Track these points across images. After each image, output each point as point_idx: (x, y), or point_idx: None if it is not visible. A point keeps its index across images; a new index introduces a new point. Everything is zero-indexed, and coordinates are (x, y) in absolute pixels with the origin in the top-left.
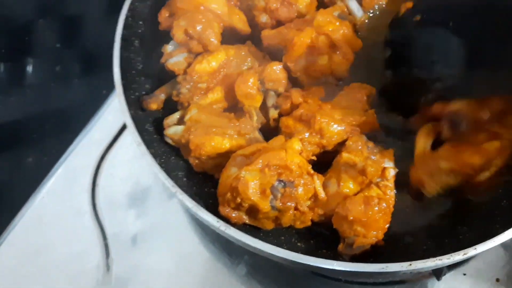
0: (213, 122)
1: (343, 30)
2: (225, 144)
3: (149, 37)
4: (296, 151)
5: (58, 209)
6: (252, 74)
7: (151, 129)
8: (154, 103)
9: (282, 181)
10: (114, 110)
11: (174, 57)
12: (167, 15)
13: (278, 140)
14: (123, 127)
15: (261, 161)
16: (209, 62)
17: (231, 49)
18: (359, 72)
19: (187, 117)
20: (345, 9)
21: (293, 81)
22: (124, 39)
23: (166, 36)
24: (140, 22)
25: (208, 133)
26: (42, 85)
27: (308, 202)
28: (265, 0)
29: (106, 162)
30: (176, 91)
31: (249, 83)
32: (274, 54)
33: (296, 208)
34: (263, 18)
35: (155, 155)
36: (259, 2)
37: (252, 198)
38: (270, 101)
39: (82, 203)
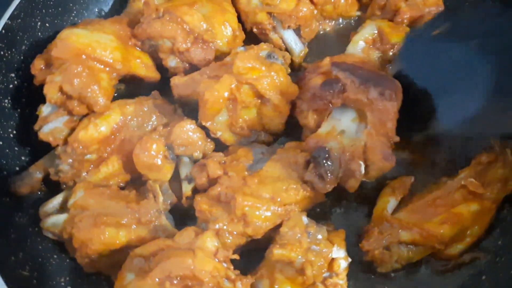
0: (105, 207)
1: (271, 77)
2: (120, 237)
3: (25, 94)
4: (209, 252)
5: None
6: (155, 139)
7: (24, 220)
8: (26, 186)
9: None
10: None
11: (49, 123)
12: (42, 66)
13: (187, 234)
14: None
15: (160, 271)
16: (97, 127)
17: (129, 105)
18: None
19: (70, 203)
20: (279, 44)
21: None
22: None
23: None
24: (12, 75)
25: (97, 224)
26: None
27: None
28: (170, 39)
29: None
30: (53, 168)
31: (152, 151)
32: (190, 106)
33: None
34: (172, 62)
35: (18, 263)
36: (164, 42)
37: None
38: (183, 171)
39: None
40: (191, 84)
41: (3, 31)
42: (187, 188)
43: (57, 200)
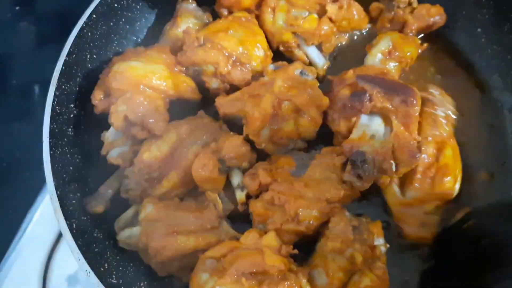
0: (173, 218)
1: (307, 93)
2: (190, 243)
3: (84, 122)
4: (274, 249)
5: None
6: (209, 155)
7: (100, 236)
8: (100, 205)
9: None
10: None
11: (116, 148)
12: (101, 96)
13: (252, 236)
14: None
15: (235, 269)
16: (159, 148)
17: (182, 126)
18: None
19: (142, 216)
20: (303, 60)
21: (257, 150)
22: (53, 134)
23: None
24: (71, 105)
25: (169, 233)
26: None
27: None
28: (214, 64)
29: (55, 262)
30: (124, 187)
31: (208, 166)
32: (231, 121)
33: None
34: (214, 84)
35: (107, 273)
36: (207, 68)
37: None
38: (236, 180)
39: None
40: (235, 103)
41: (63, 67)
42: (241, 196)
43: (128, 214)
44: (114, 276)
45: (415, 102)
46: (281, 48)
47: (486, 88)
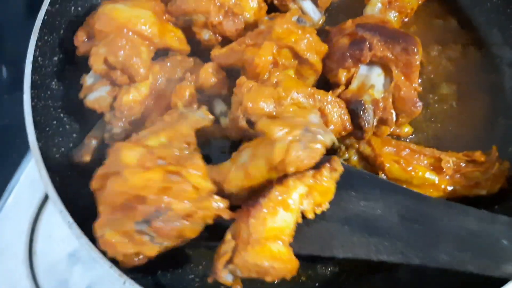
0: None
1: (307, 39)
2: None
3: (68, 70)
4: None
5: None
6: (186, 86)
7: (85, 191)
8: (87, 154)
9: None
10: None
11: (94, 91)
12: (84, 38)
13: None
14: None
15: None
16: (138, 91)
17: (155, 66)
18: None
19: None
20: (298, 14)
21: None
22: (35, 85)
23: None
24: (55, 58)
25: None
26: None
27: None
28: (205, 14)
29: (41, 223)
30: (108, 133)
31: (186, 97)
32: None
33: None
34: (206, 35)
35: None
36: (198, 17)
37: None
38: (218, 109)
39: (19, 276)
40: (231, 53)
41: (46, 17)
42: (225, 121)
43: None
44: None
45: (416, 50)
46: (276, 1)
47: (485, 43)
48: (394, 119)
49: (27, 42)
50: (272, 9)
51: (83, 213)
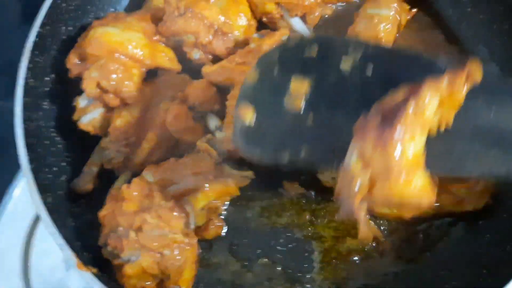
0: (177, 180)
1: None
2: (201, 200)
3: (60, 90)
4: None
5: None
6: (179, 106)
7: (77, 210)
8: (89, 184)
9: None
10: None
11: (88, 114)
12: (76, 60)
13: None
14: None
15: None
16: (130, 113)
17: (145, 88)
18: None
19: None
20: (289, 31)
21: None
22: (27, 107)
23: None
24: (47, 79)
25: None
26: None
27: None
28: (194, 34)
29: (36, 236)
30: (106, 158)
31: (181, 116)
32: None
33: None
34: (196, 55)
35: (83, 248)
36: (188, 38)
37: None
38: (212, 124)
39: None
40: (222, 71)
41: (37, 39)
42: (221, 135)
43: (120, 184)
44: (91, 252)
45: None
46: (264, 19)
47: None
48: None
49: (20, 50)
50: (262, 26)
51: (73, 233)
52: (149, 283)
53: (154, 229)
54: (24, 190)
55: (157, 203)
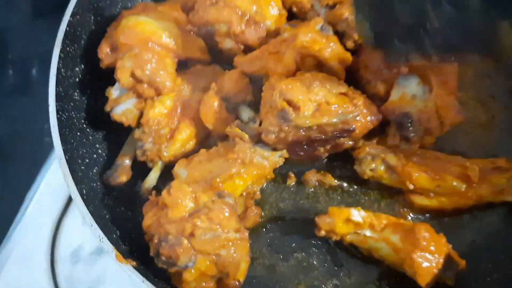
0: (211, 171)
1: (331, 47)
2: (239, 186)
3: (90, 81)
4: None
5: None
6: (213, 97)
7: (111, 202)
8: (122, 175)
9: None
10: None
11: (121, 104)
12: (108, 50)
13: None
14: None
15: None
16: (163, 103)
17: (177, 78)
18: None
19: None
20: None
21: None
22: (59, 98)
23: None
24: (77, 69)
25: (214, 188)
26: None
27: None
28: (227, 23)
29: (63, 232)
30: (139, 150)
31: (215, 107)
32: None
33: None
34: (228, 44)
35: (119, 239)
36: (220, 27)
37: None
38: (245, 116)
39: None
40: (255, 61)
41: (68, 28)
42: (255, 126)
43: (152, 177)
44: (126, 243)
45: (452, 58)
46: (294, 9)
47: None
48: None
49: (33, 45)
50: (291, 16)
51: (109, 225)
52: (208, 284)
53: (206, 232)
54: (50, 182)
55: (203, 205)
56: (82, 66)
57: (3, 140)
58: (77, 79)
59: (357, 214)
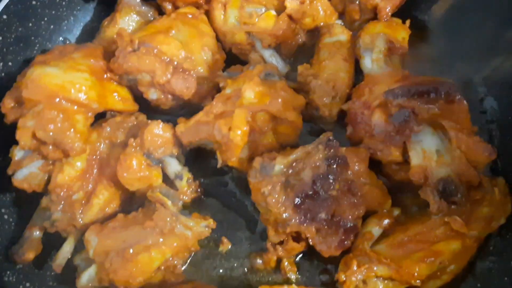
0: (125, 240)
1: (281, 97)
2: (155, 258)
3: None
4: None
5: None
6: (132, 154)
7: (13, 279)
8: (30, 251)
9: None
10: None
11: (24, 168)
12: (12, 104)
13: None
14: None
15: None
16: (72, 166)
17: (91, 134)
18: None
19: (91, 253)
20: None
21: None
22: None
23: None
24: None
25: (128, 259)
26: None
27: None
28: (149, 73)
29: None
30: (47, 221)
31: (134, 167)
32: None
33: None
34: (153, 95)
35: None
36: (142, 76)
37: None
38: (171, 170)
39: None
40: (200, 128)
41: None
42: (182, 184)
43: (66, 249)
44: None
45: (459, 95)
46: (234, 50)
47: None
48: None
49: None
50: (232, 58)
51: None
52: None
53: None
54: None
55: None
56: None
57: None
58: None
59: None
